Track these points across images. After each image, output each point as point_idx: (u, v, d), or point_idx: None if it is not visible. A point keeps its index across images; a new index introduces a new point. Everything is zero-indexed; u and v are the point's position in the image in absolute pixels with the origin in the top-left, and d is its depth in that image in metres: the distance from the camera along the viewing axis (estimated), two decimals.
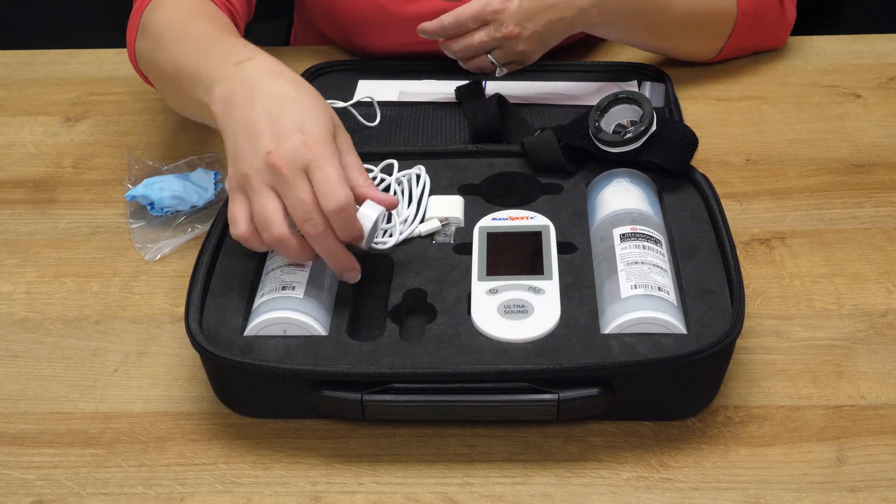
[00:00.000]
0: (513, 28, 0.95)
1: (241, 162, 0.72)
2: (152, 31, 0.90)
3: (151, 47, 0.89)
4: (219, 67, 0.78)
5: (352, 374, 0.68)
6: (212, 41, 0.83)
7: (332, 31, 1.19)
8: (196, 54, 0.82)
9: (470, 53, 0.98)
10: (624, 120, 0.86)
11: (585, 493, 0.68)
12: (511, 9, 0.95)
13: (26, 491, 0.70)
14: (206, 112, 0.78)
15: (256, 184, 0.71)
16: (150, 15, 0.92)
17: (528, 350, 0.69)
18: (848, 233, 0.89)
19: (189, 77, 0.81)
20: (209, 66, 0.79)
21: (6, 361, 0.80)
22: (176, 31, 0.87)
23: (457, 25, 0.96)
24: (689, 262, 0.76)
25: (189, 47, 0.84)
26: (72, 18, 1.68)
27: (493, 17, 0.95)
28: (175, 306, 0.84)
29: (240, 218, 0.72)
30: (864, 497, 0.67)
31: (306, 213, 0.70)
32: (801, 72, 1.12)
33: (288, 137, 0.71)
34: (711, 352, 0.67)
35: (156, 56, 0.88)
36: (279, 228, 0.71)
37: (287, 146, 0.70)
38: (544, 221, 0.81)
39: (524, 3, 0.95)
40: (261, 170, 0.71)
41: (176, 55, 0.84)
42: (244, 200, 0.72)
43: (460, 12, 0.95)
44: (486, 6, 0.95)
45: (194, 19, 0.88)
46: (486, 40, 0.96)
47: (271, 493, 0.69)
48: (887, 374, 0.75)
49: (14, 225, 0.95)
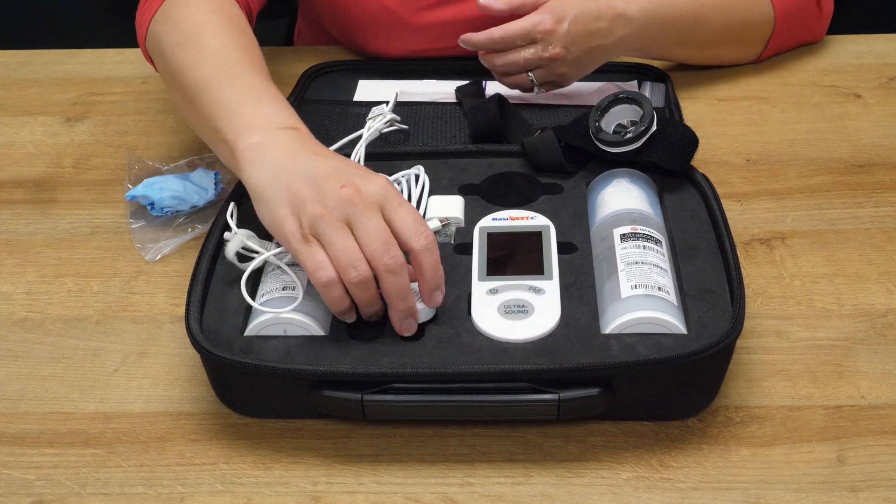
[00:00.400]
0: (560, 50, 0.95)
1: (307, 206, 0.68)
2: (181, 28, 0.87)
3: (174, 41, 0.86)
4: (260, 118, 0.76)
5: (352, 374, 0.68)
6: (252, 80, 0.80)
7: (338, 31, 1.19)
8: (232, 85, 0.80)
9: (513, 69, 0.98)
10: (624, 120, 0.86)
11: (586, 493, 0.68)
12: (561, 31, 0.95)
13: (26, 491, 0.70)
14: (223, 146, 0.77)
15: (333, 221, 0.68)
16: (178, 6, 0.89)
17: (529, 350, 0.69)
18: (848, 233, 0.89)
19: (214, 103, 0.79)
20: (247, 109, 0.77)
21: (6, 361, 0.80)
22: (213, 42, 0.84)
23: (504, 40, 0.96)
24: (689, 262, 0.76)
25: (224, 72, 0.81)
26: (72, 18, 1.68)
27: (543, 36, 0.95)
28: (175, 306, 0.84)
29: (322, 262, 0.68)
30: (865, 497, 0.67)
31: (385, 245, 0.67)
32: (801, 72, 1.12)
33: (358, 175, 0.70)
34: (711, 352, 0.67)
35: (177, 53, 0.85)
36: (365, 266, 0.67)
37: (361, 181, 0.69)
38: (544, 221, 0.81)
39: (572, 26, 0.95)
40: (335, 205, 0.68)
41: (203, 69, 0.82)
42: (317, 246, 0.68)
43: (510, 28, 0.95)
44: (537, 25, 0.95)
45: (234, 33, 0.86)
46: (531, 58, 0.96)
47: (271, 493, 0.69)
48: (887, 374, 0.75)
49: (14, 225, 0.95)
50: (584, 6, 0.96)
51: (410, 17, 1.10)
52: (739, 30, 1.07)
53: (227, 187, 0.95)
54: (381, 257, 0.67)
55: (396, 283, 0.68)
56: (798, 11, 1.09)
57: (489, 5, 0.97)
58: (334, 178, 0.69)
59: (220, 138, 0.78)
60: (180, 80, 0.84)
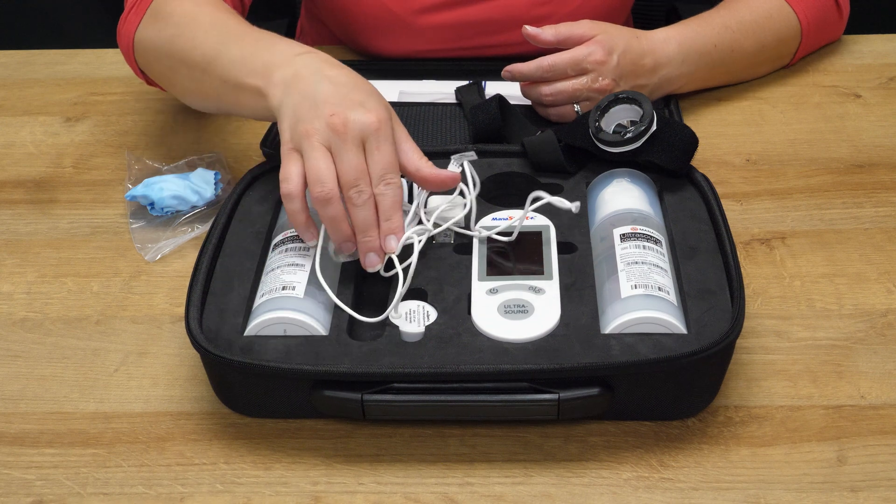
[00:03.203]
0: (609, 82, 0.95)
1: (299, 125, 0.75)
2: (173, 20, 0.91)
3: (170, 34, 0.90)
4: (277, 55, 0.81)
5: (352, 374, 0.68)
6: (257, 34, 0.86)
7: (340, 31, 1.19)
8: (240, 43, 0.84)
9: (560, 99, 0.97)
10: (624, 120, 0.86)
11: (586, 493, 0.68)
12: (611, 63, 0.95)
13: (26, 491, 0.70)
14: (249, 96, 0.81)
15: (314, 141, 0.74)
16: (164, 5, 0.93)
17: (529, 350, 0.69)
18: (848, 233, 0.89)
19: (230, 63, 0.83)
20: (263, 54, 0.82)
21: (6, 361, 0.80)
22: (208, 21, 0.89)
23: (554, 69, 0.96)
24: (689, 262, 0.76)
25: (228, 37, 0.86)
26: (72, 18, 1.68)
27: (594, 67, 0.95)
28: (175, 306, 0.84)
29: (292, 174, 0.74)
30: (865, 497, 0.67)
31: (357, 177, 0.73)
32: (801, 72, 1.12)
33: (352, 108, 0.74)
34: (711, 352, 0.67)
35: (176, 42, 0.89)
36: (331, 185, 0.73)
37: (350, 114, 0.74)
38: (544, 221, 0.81)
39: (621, 59, 0.96)
40: (320, 129, 0.74)
41: (208, 42, 0.86)
42: (297, 159, 0.75)
43: (560, 57, 0.96)
44: (588, 55, 0.95)
45: (224, 13, 0.90)
46: (580, 89, 0.96)
47: (271, 493, 0.69)
48: (887, 374, 0.75)
49: (14, 225, 0.95)
50: (632, 42, 0.97)
51: (410, 19, 1.10)
52: (773, 48, 1.08)
53: (228, 187, 0.95)
54: (349, 189, 0.73)
55: (361, 215, 0.74)
56: (821, 19, 1.10)
57: (537, 35, 0.97)
58: (330, 104, 0.75)
59: (246, 92, 0.82)
60: (188, 62, 0.87)
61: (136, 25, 0.95)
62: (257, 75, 0.80)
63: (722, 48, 1.03)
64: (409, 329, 0.71)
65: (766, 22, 1.06)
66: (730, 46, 1.04)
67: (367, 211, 0.74)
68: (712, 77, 1.06)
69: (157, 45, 0.92)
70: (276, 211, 0.84)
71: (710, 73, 1.05)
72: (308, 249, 0.76)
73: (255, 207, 0.84)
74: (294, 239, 0.78)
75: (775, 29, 1.07)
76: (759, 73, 1.11)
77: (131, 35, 0.95)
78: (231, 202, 0.84)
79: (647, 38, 0.99)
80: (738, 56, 1.05)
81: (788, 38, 1.09)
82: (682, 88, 1.04)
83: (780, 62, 1.11)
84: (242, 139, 1.04)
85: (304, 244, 0.77)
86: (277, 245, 0.78)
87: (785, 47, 1.09)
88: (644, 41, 0.99)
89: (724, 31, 1.04)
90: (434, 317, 0.72)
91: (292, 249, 0.77)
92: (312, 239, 0.76)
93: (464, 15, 1.09)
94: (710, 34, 1.03)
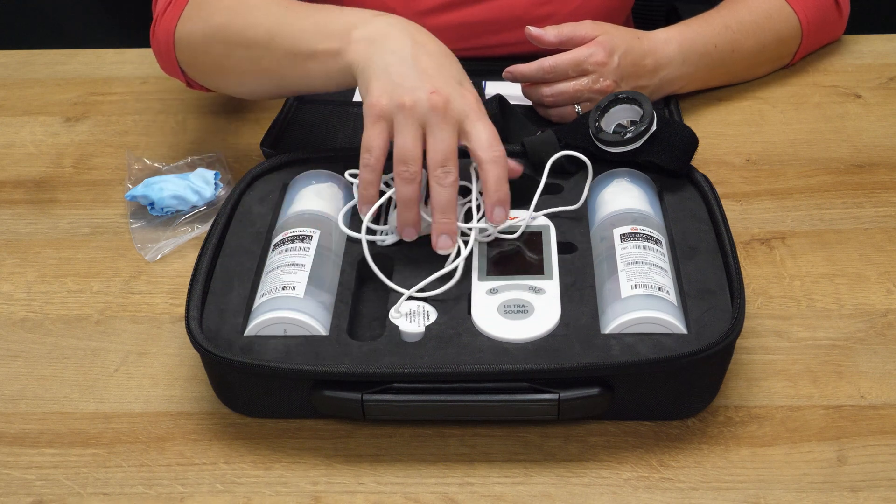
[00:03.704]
0: (610, 83, 0.96)
1: (398, 91, 0.73)
2: (222, 4, 0.89)
3: (222, 20, 0.89)
4: (353, 17, 0.80)
5: (352, 374, 0.68)
6: (318, 5, 0.85)
7: None
8: (305, 13, 0.84)
9: (562, 100, 0.97)
10: (624, 120, 0.86)
11: (586, 493, 0.68)
12: (612, 64, 0.95)
13: (26, 491, 0.70)
14: (321, 64, 0.80)
15: (411, 117, 0.73)
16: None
17: (529, 350, 0.69)
18: (848, 233, 0.89)
19: (299, 33, 0.82)
20: (336, 18, 0.81)
21: (6, 361, 0.80)
22: (251, 3, 0.87)
23: (555, 70, 0.96)
24: (689, 262, 0.76)
25: (290, 11, 0.85)
26: (72, 18, 1.68)
27: (595, 68, 0.95)
28: (175, 306, 0.84)
29: (376, 146, 0.74)
30: (865, 497, 0.67)
31: (447, 158, 0.72)
32: (801, 72, 1.12)
33: (452, 85, 0.74)
34: (711, 352, 0.67)
35: (231, 26, 0.88)
36: (417, 167, 0.72)
37: (452, 93, 0.73)
38: (544, 221, 0.81)
39: (622, 60, 0.96)
40: (420, 103, 0.73)
41: (270, 19, 0.85)
42: (384, 129, 0.74)
43: (561, 58, 0.96)
44: (590, 56, 0.95)
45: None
46: (581, 90, 0.96)
47: (271, 493, 0.69)
48: (887, 374, 0.75)
49: (14, 225, 0.95)
50: (633, 43, 0.97)
51: (414, 21, 1.10)
52: (773, 48, 1.09)
53: (227, 187, 0.95)
54: (436, 168, 0.73)
55: (444, 195, 0.73)
56: (821, 19, 1.10)
57: (540, 36, 0.97)
58: (430, 78, 0.74)
59: (317, 60, 0.81)
60: (245, 42, 0.86)
61: (176, 21, 0.93)
62: (333, 38, 0.79)
63: (722, 48, 1.04)
64: (410, 329, 0.71)
65: (766, 22, 1.06)
66: (730, 47, 1.04)
67: (451, 192, 0.73)
68: (713, 77, 1.06)
69: (207, 34, 0.90)
70: (277, 211, 0.84)
71: (711, 73, 1.05)
72: (308, 249, 0.76)
73: (255, 207, 0.84)
74: (294, 239, 0.77)
75: (775, 29, 1.07)
76: (760, 73, 1.11)
77: (171, 31, 0.93)
78: (231, 202, 0.84)
79: (648, 38, 0.99)
80: (739, 56, 1.05)
81: (788, 38, 1.09)
82: (683, 89, 1.04)
83: (781, 62, 1.11)
84: (242, 139, 1.04)
85: (303, 244, 0.77)
86: (277, 245, 0.78)
87: (785, 47, 1.10)
88: (645, 42, 0.99)
89: (725, 32, 1.04)
90: (434, 317, 0.72)
91: (292, 249, 0.77)
92: (366, 213, 0.76)
93: (466, 15, 1.09)
94: (710, 35, 1.03)
